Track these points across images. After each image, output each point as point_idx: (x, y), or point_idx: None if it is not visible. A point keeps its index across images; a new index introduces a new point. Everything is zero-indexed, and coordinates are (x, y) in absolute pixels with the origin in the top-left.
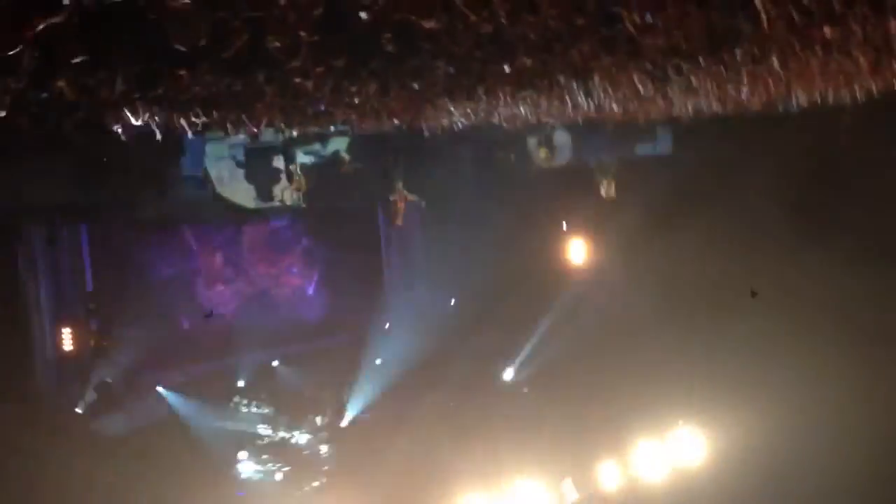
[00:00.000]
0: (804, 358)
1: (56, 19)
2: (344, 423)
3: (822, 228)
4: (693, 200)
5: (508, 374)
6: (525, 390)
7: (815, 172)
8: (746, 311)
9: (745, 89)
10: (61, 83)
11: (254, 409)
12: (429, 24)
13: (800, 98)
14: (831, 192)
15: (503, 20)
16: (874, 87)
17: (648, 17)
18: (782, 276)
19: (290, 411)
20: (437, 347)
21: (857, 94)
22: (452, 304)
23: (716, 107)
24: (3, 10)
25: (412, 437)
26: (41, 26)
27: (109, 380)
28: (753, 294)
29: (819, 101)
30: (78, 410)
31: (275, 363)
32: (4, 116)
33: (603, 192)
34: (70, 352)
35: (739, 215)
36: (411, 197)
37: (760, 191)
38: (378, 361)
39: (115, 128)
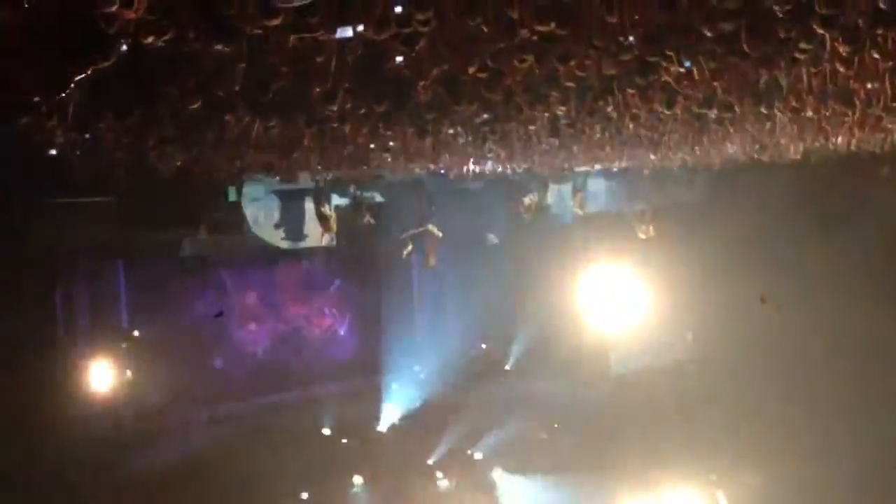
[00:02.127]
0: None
1: (105, 63)
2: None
3: (871, 275)
4: (730, 246)
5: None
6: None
7: (857, 216)
8: (788, 355)
9: (782, 138)
10: (106, 125)
11: None
12: (469, 71)
13: (837, 146)
14: (875, 236)
15: (538, 69)
16: None
17: (686, 67)
18: (823, 321)
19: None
20: (468, 391)
21: None
22: (483, 347)
23: (752, 154)
24: (55, 53)
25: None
26: (90, 70)
27: (136, 418)
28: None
29: (857, 149)
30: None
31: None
32: (52, 156)
33: (640, 234)
34: (103, 387)
35: (777, 260)
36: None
37: (800, 237)
38: (409, 403)
39: (156, 168)
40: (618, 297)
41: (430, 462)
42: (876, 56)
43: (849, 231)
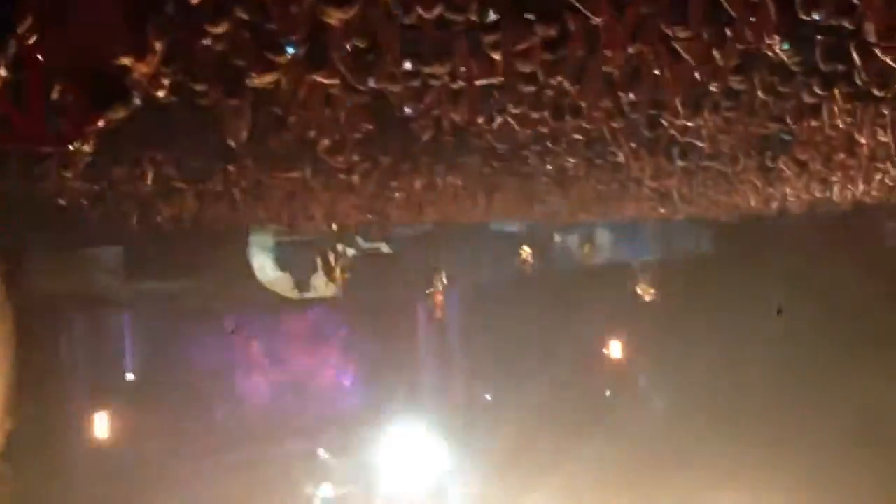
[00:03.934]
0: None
1: (120, 115)
2: None
3: (867, 334)
4: (734, 301)
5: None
6: None
7: (859, 274)
8: (788, 415)
9: (787, 191)
10: (116, 175)
11: None
12: (478, 121)
13: (842, 201)
14: (876, 296)
15: (547, 121)
16: None
17: (690, 121)
18: (827, 382)
19: None
20: (473, 443)
21: None
22: (489, 399)
23: (757, 207)
24: (71, 104)
25: None
26: (104, 120)
27: (143, 466)
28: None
29: (862, 204)
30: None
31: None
32: (63, 206)
33: (640, 291)
34: (103, 436)
35: (782, 317)
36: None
37: (805, 292)
38: (413, 457)
39: (163, 218)
40: (617, 351)
41: None
42: (884, 111)
43: (862, 289)
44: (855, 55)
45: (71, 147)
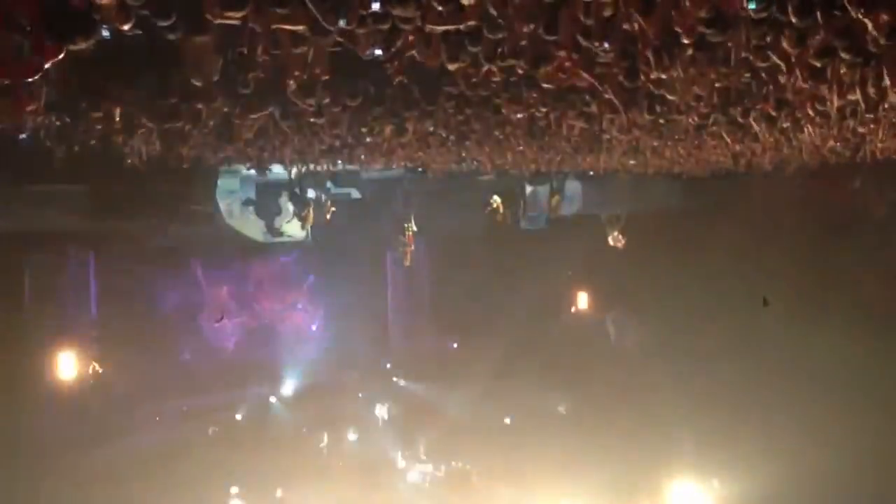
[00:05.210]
0: (813, 420)
1: (82, 46)
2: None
3: (830, 290)
4: (702, 254)
5: (508, 420)
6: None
7: (825, 228)
8: (754, 367)
9: (756, 147)
10: (81, 110)
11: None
12: (451, 67)
13: (811, 158)
14: (840, 250)
15: (520, 69)
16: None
17: (663, 73)
18: (791, 336)
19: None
20: (438, 390)
21: (870, 157)
22: (455, 347)
23: (727, 163)
24: (30, 34)
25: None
26: (65, 52)
27: (107, 407)
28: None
29: (830, 161)
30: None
31: (272, 399)
32: (25, 138)
33: (611, 241)
34: (69, 377)
35: (749, 270)
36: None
37: (769, 245)
38: (378, 403)
39: (129, 157)
40: (583, 298)
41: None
42: (846, 69)
43: (812, 240)
44: (820, 13)
45: (33, 79)
